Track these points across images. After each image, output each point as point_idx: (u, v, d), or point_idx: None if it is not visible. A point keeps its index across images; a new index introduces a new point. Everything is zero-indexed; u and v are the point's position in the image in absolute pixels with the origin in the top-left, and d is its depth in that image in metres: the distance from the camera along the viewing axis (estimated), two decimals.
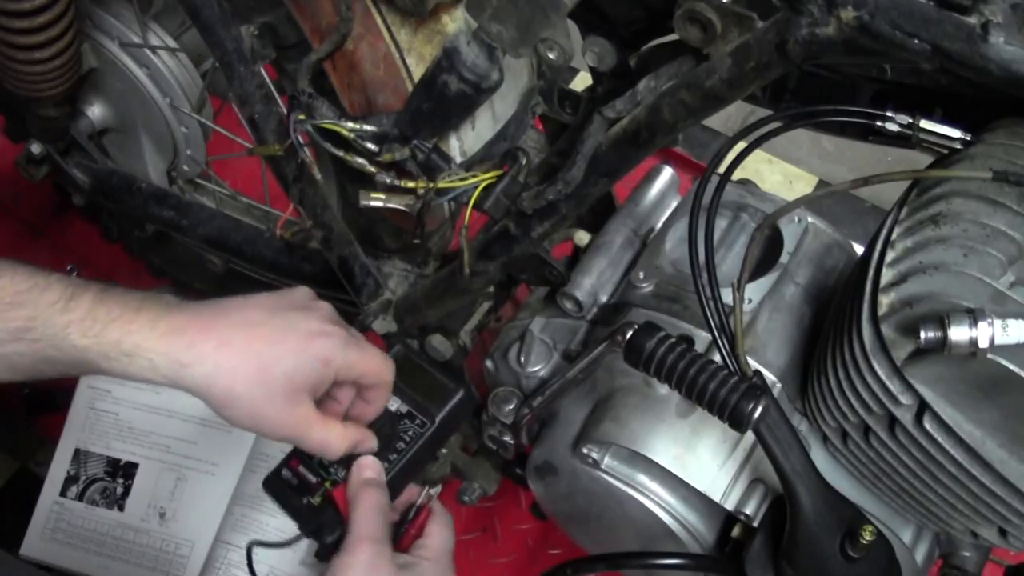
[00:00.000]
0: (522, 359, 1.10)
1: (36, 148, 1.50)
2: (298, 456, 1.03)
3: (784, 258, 1.01)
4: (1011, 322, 0.68)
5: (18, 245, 1.88)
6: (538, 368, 1.10)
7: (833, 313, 0.90)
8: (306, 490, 1.01)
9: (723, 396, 0.80)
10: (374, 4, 0.96)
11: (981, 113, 0.82)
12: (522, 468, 1.16)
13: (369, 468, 0.96)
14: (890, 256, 0.78)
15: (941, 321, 0.69)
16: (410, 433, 1.03)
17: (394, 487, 1.00)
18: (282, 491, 1.03)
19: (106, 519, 1.53)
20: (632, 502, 0.98)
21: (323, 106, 0.98)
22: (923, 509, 0.88)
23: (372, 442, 0.97)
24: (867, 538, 0.85)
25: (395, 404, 1.04)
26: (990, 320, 0.68)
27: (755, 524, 0.92)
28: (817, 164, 2.13)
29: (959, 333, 0.69)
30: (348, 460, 0.99)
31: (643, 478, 0.98)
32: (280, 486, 1.03)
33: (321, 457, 0.99)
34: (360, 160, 0.98)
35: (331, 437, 0.91)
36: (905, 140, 0.85)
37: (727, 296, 0.89)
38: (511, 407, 1.10)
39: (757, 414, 0.79)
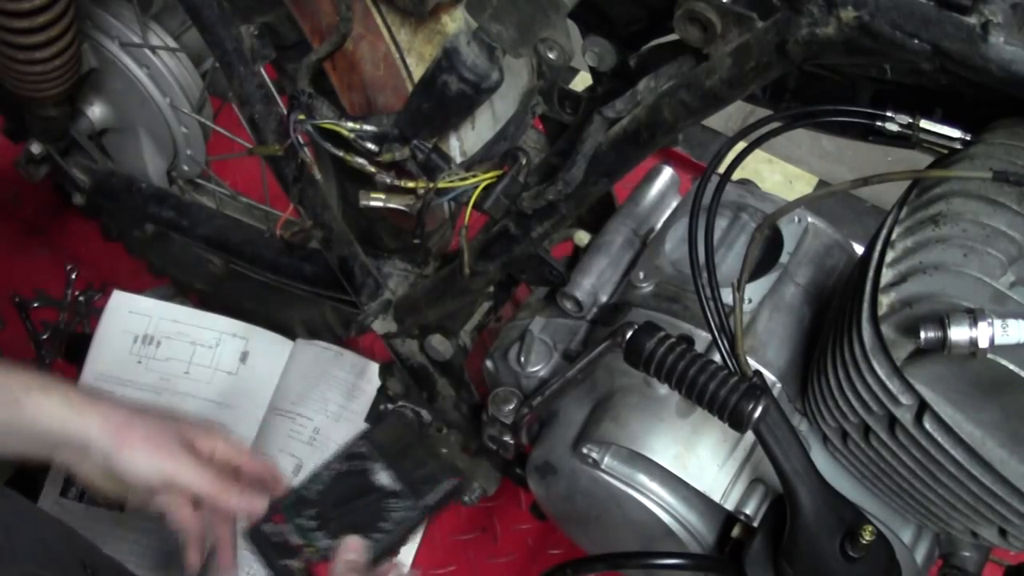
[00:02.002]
0: (522, 359, 1.10)
1: (36, 148, 1.50)
2: (282, 512, 1.03)
3: (784, 258, 1.01)
4: (1011, 322, 0.68)
5: (18, 245, 1.88)
6: (538, 368, 1.10)
7: (833, 313, 0.90)
8: (287, 552, 1.01)
9: (723, 396, 0.80)
10: (374, 4, 0.96)
11: (981, 113, 0.82)
12: (522, 468, 1.16)
13: (354, 551, 0.96)
14: (890, 256, 0.78)
15: (941, 321, 0.69)
16: (397, 515, 1.03)
17: (376, 564, 0.99)
18: (264, 545, 1.02)
19: (106, 519, 1.53)
20: (632, 502, 0.98)
21: (323, 106, 0.98)
22: (923, 509, 0.88)
23: None
24: (867, 538, 0.85)
25: (387, 480, 1.06)
26: (990, 320, 0.68)
27: (755, 524, 0.92)
28: (817, 164, 2.13)
29: (959, 333, 0.69)
30: (330, 527, 1.01)
31: (643, 478, 0.97)
32: (262, 539, 1.02)
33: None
34: (360, 160, 0.98)
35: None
36: (905, 140, 0.85)
37: (727, 296, 0.89)
38: (511, 407, 1.10)
39: (757, 414, 0.79)
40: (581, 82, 2.10)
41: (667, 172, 1.17)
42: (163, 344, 1.61)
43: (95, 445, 0.97)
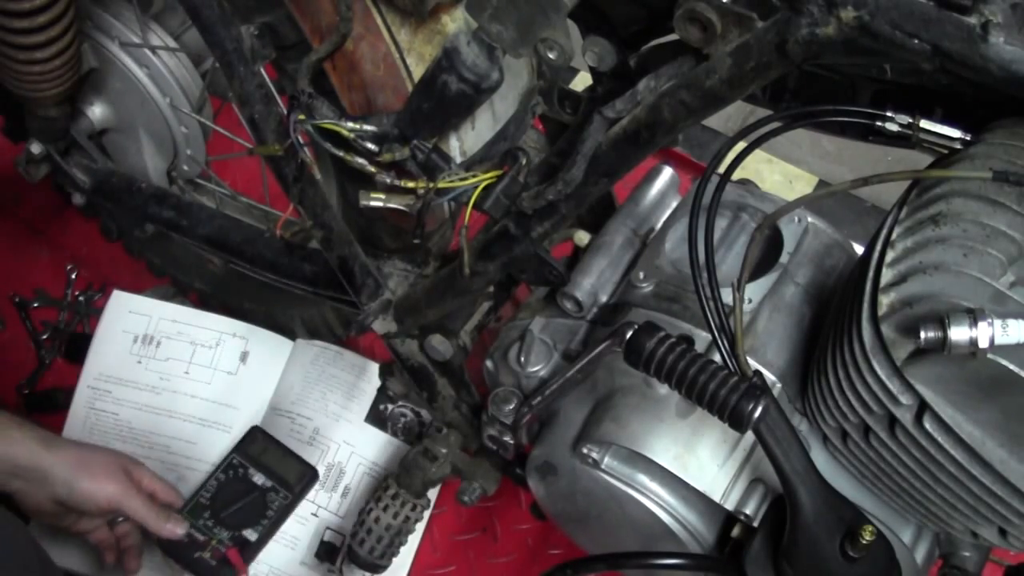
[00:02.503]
0: (522, 359, 1.10)
1: (36, 148, 1.50)
2: (184, 518, 1.36)
3: (784, 258, 1.01)
4: (1011, 322, 0.68)
5: (18, 245, 1.88)
6: (538, 368, 1.10)
7: (833, 313, 0.90)
8: (196, 547, 1.36)
9: (723, 396, 0.80)
10: (374, 4, 0.96)
11: (981, 113, 0.82)
12: (522, 468, 1.16)
13: None
14: (890, 256, 0.78)
15: (941, 321, 0.69)
16: (276, 504, 1.42)
17: (263, 543, 1.41)
18: (175, 547, 1.35)
19: None
20: (632, 502, 0.98)
21: (323, 106, 0.98)
22: (923, 509, 0.88)
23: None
24: (867, 538, 0.85)
25: (261, 480, 1.44)
26: (990, 320, 0.68)
27: (755, 524, 0.92)
28: (817, 164, 2.13)
29: (959, 333, 0.69)
30: (226, 522, 1.40)
31: (643, 478, 0.98)
32: (172, 544, 1.35)
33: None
34: (360, 160, 0.98)
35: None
36: (905, 140, 0.85)
37: (727, 296, 0.89)
38: (511, 407, 1.10)
39: (757, 414, 0.79)
40: (581, 82, 2.10)
41: (667, 172, 1.17)
42: (163, 344, 1.61)
43: (58, 475, 1.21)
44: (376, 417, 1.60)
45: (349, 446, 1.58)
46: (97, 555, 1.36)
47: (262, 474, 1.46)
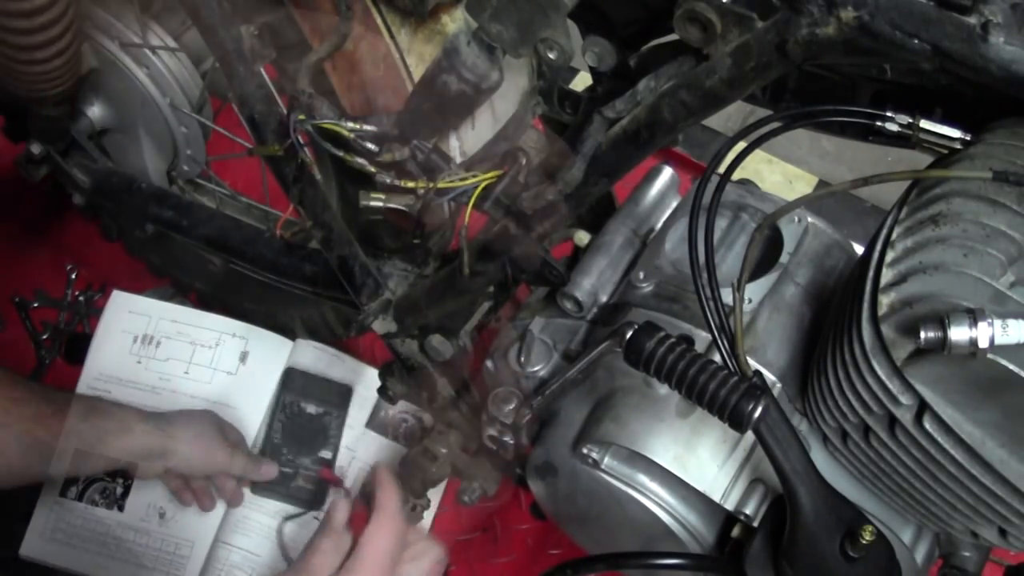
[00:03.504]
0: (522, 359, 1.10)
1: (36, 148, 1.50)
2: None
3: (784, 258, 1.01)
4: (1011, 322, 0.68)
5: (18, 245, 1.88)
6: (538, 368, 1.10)
7: (833, 313, 0.90)
8: (288, 478, 1.51)
9: (723, 396, 0.80)
10: (374, 4, 0.96)
11: (981, 113, 0.82)
12: (522, 468, 1.16)
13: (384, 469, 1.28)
14: (890, 256, 0.78)
15: (941, 321, 0.69)
16: (333, 424, 1.57)
17: (335, 459, 1.55)
18: (272, 485, 1.50)
19: (106, 519, 1.53)
20: (632, 502, 0.98)
21: (323, 106, 0.98)
22: (923, 509, 0.88)
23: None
24: (867, 538, 0.85)
25: (314, 408, 1.58)
26: (990, 320, 0.68)
27: (755, 524, 0.92)
28: (817, 164, 2.13)
29: (959, 333, 0.69)
30: (303, 451, 1.54)
31: (643, 478, 0.97)
32: (269, 484, 1.50)
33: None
34: (360, 160, 0.98)
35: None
36: (905, 140, 0.85)
37: (727, 296, 0.89)
38: (511, 407, 1.10)
39: (757, 414, 0.79)
40: (581, 82, 2.10)
41: (667, 172, 1.17)
42: (163, 344, 1.61)
43: (178, 452, 1.40)
44: (377, 422, 1.60)
45: (350, 451, 1.58)
46: (179, 497, 1.51)
47: (312, 404, 1.57)
